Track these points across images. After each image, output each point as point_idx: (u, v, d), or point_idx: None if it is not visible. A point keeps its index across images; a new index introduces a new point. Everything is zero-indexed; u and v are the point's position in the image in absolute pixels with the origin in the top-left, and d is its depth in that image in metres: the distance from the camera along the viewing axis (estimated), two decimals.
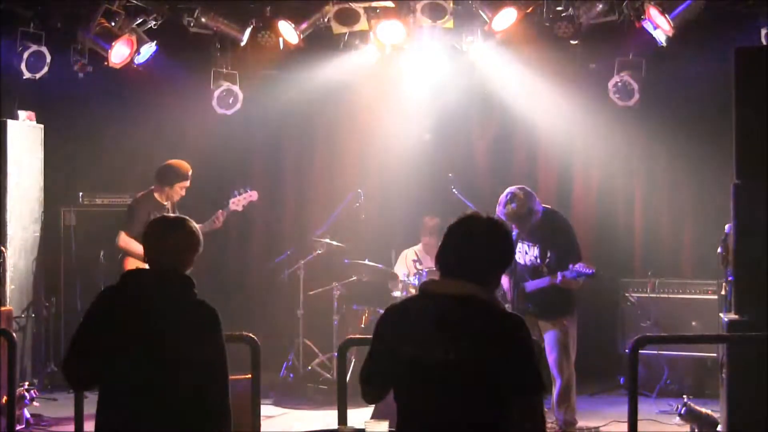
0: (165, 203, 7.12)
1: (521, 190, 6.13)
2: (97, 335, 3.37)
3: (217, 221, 7.25)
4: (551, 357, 6.17)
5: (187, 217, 3.68)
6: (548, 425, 6.14)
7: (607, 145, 8.45)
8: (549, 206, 6.34)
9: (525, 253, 6.22)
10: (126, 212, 7.08)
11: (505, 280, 6.14)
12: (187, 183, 7.14)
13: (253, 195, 7.49)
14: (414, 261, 7.84)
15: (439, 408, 2.96)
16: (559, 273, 6.02)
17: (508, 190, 6.19)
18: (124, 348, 3.33)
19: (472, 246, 3.04)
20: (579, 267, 5.93)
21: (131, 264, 6.78)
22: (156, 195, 7.06)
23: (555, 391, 6.21)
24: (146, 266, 3.57)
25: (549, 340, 6.18)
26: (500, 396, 2.93)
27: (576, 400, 6.26)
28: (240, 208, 7.46)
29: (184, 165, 7.12)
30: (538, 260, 6.15)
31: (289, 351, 8.09)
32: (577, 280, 6.01)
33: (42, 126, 7.99)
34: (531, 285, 6.17)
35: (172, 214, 3.55)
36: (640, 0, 6.89)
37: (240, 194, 7.42)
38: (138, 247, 6.87)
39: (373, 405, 5.24)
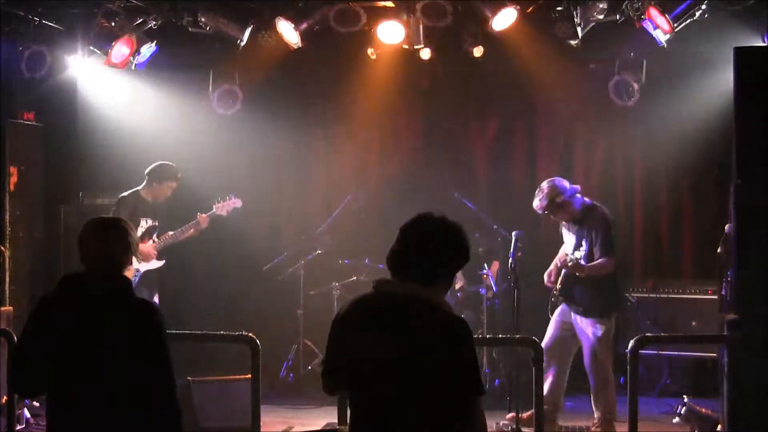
0: (149, 200, 7.33)
1: (547, 183, 6.39)
2: (40, 344, 3.35)
3: (202, 223, 7.35)
4: (585, 358, 6.34)
5: (122, 218, 3.68)
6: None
7: (607, 145, 8.45)
8: (593, 201, 6.47)
9: (570, 244, 6.41)
10: (114, 208, 7.32)
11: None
12: (175, 184, 7.39)
13: (237, 202, 7.65)
14: None
15: (382, 406, 2.98)
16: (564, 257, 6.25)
17: None
18: (67, 355, 3.31)
19: (420, 247, 3.05)
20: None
21: None
22: (142, 193, 7.33)
23: (591, 390, 6.37)
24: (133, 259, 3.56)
25: (583, 340, 6.31)
26: (440, 396, 2.93)
27: (615, 399, 6.31)
28: (224, 213, 7.61)
29: (176, 167, 7.39)
30: (573, 251, 6.28)
31: (289, 351, 8.09)
32: (580, 266, 6.15)
33: (42, 126, 7.99)
34: (561, 277, 6.38)
35: (109, 217, 3.58)
36: (640, 0, 6.89)
37: (224, 200, 7.56)
38: None
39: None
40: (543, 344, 6.40)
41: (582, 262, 6.19)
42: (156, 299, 7.30)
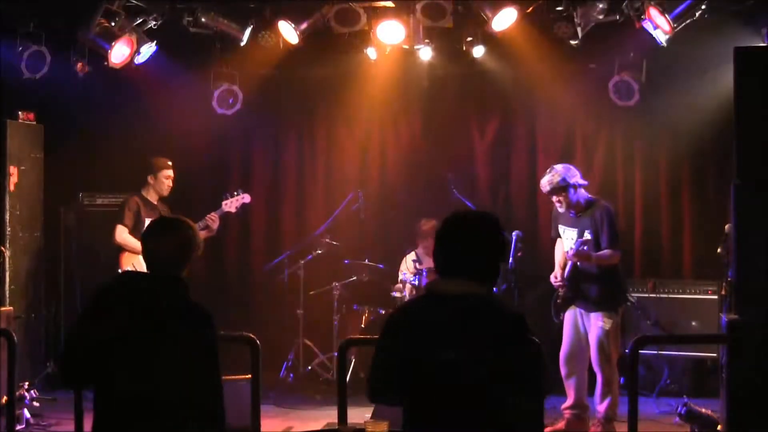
0: (155, 202, 7.37)
1: (561, 165, 6.44)
2: (93, 335, 3.37)
3: (212, 223, 7.33)
4: (592, 353, 6.35)
5: (186, 219, 3.67)
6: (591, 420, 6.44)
7: (607, 145, 8.45)
8: (595, 197, 6.52)
9: (570, 239, 6.39)
10: (119, 208, 7.35)
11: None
12: (170, 172, 7.43)
13: (245, 197, 7.61)
14: (414, 261, 7.85)
15: (444, 408, 2.96)
16: (568, 251, 6.26)
17: None
18: (119, 349, 3.32)
19: (464, 243, 3.04)
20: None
21: (126, 259, 6.91)
22: (144, 193, 7.40)
23: (597, 386, 6.38)
24: (140, 261, 3.57)
25: (590, 335, 6.33)
26: (501, 396, 2.92)
27: (618, 397, 6.33)
28: (233, 210, 7.57)
29: (164, 158, 7.48)
30: (575, 243, 6.28)
31: (289, 351, 8.10)
32: (588, 253, 6.17)
33: (42, 126, 7.99)
34: (567, 271, 6.38)
35: (170, 216, 3.55)
36: (640, 0, 6.89)
37: (233, 196, 7.52)
38: (134, 243, 6.94)
39: (374, 404, 5.26)
40: (561, 354, 6.45)
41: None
42: None
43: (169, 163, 7.45)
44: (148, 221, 7.24)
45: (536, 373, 2.99)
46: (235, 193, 7.57)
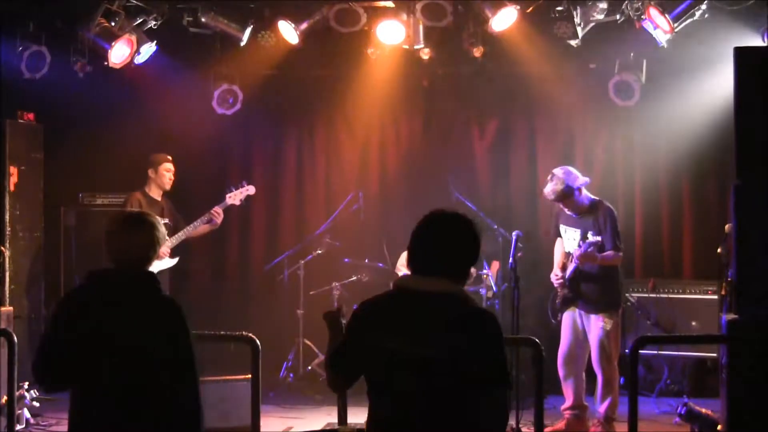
0: (158, 198, 7.39)
1: (560, 169, 6.37)
2: (66, 338, 3.35)
3: (216, 217, 7.34)
4: (593, 354, 6.35)
5: (149, 213, 3.66)
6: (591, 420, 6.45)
7: (607, 145, 8.45)
8: (597, 197, 6.51)
9: (572, 240, 6.35)
10: (121, 208, 7.37)
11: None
12: (170, 166, 7.47)
13: (250, 189, 7.63)
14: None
15: (414, 402, 3.00)
16: (575, 250, 6.22)
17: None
18: (93, 350, 3.31)
19: (441, 243, 3.08)
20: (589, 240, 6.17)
21: None
22: (147, 191, 7.44)
23: (597, 387, 6.38)
24: None
25: (591, 336, 6.33)
26: (470, 389, 2.98)
27: (618, 397, 6.34)
28: (237, 202, 7.59)
29: (162, 153, 7.53)
30: (580, 244, 6.27)
31: (289, 351, 8.10)
32: (594, 254, 6.16)
33: (42, 126, 7.99)
34: (569, 272, 6.35)
35: (136, 212, 3.54)
36: (640, 0, 6.89)
37: (237, 188, 7.52)
38: None
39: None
40: (559, 355, 6.44)
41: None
42: None
43: (169, 157, 7.49)
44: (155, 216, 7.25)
45: (503, 366, 3.03)
46: (240, 185, 7.58)
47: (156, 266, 7.14)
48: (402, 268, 8.03)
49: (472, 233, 3.11)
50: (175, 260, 7.39)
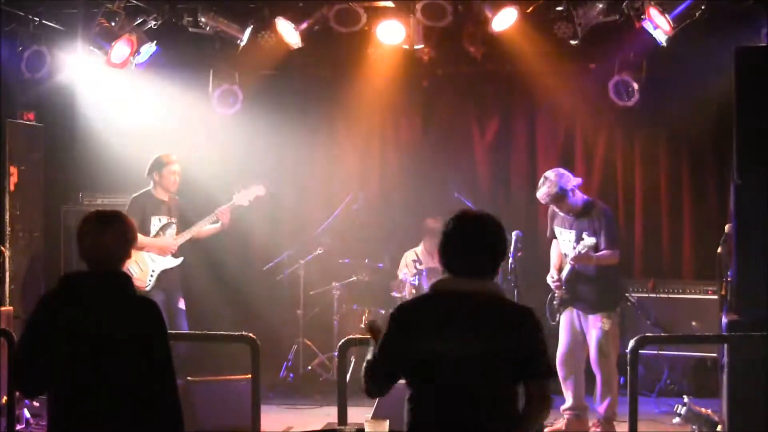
0: (164, 199, 7.22)
1: (552, 172, 6.34)
2: (42, 342, 3.33)
3: (222, 217, 7.21)
4: (591, 354, 6.34)
5: (120, 211, 3.64)
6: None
7: (607, 145, 8.45)
8: (591, 197, 6.50)
9: (567, 241, 6.34)
10: (126, 209, 7.18)
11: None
12: (175, 167, 7.23)
13: (259, 189, 7.43)
14: (414, 261, 7.86)
15: (459, 398, 3.08)
16: (569, 254, 6.22)
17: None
18: (69, 353, 3.30)
19: (480, 243, 3.17)
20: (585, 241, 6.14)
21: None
22: (152, 191, 7.23)
23: (596, 387, 6.38)
24: (142, 257, 3.52)
25: (589, 336, 6.33)
26: (514, 383, 3.13)
27: (617, 398, 6.33)
28: (245, 203, 7.36)
29: (167, 153, 7.28)
30: (574, 246, 6.25)
31: (289, 351, 8.10)
32: (589, 255, 6.15)
33: (42, 126, 7.99)
34: (565, 273, 6.34)
35: (108, 210, 3.50)
36: (640, 0, 6.89)
37: (245, 188, 7.37)
38: (140, 237, 6.94)
39: (374, 404, 5.26)
40: (558, 355, 6.43)
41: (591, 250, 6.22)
42: (181, 304, 7.16)
43: (174, 157, 7.25)
44: (155, 219, 7.21)
45: (546, 359, 3.19)
46: (249, 185, 7.39)
47: (161, 265, 7.17)
48: (405, 270, 8.04)
49: (502, 231, 3.22)
50: (180, 260, 7.27)
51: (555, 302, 6.48)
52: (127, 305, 3.39)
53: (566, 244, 6.37)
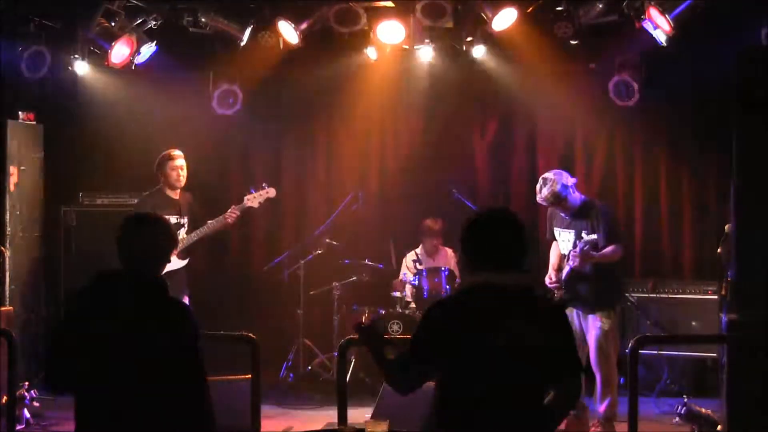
0: (174, 197, 7.07)
1: (553, 174, 6.32)
2: (76, 339, 3.34)
3: (230, 218, 7.13)
4: (591, 354, 6.32)
5: (162, 216, 3.63)
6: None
7: (607, 145, 8.45)
8: (589, 197, 6.49)
9: (567, 242, 6.34)
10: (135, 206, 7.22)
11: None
12: (177, 162, 7.05)
13: (270, 192, 7.31)
14: (414, 261, 7.86)
15: (495, 392, 3.15)
16: (571, 251, 6.17)
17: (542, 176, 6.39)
18: (98, 352, 3.30)
19: (509, 238, 3.29)
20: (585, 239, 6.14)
21: None
22: (162, 190, 7.07)
23: (596, 387, 6.37)
24: None
25: (589, 336, 6.32)
26: (544, 378, 3.21)
27: (617, 397, 6.32)
28: (256, 205, 7.24)
29: (169, 150, 7.11)
30: (576, 243, 6.24)
31: (289, 351, 8.09)
32: (590, 253, 6.12)
33: (42, 126, 8.00)
34: (564, 273, 6.32)
35: (148, 212, 3.48)
36: (640, 0, 6.89)
37: (257, 191, 7.29)
38: None
39: (374, 404, 5.26)
40: None
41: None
42: (186, 301, 7.17)
43: (176, 152, 7.06)
44: (166, 218, 7.13)
45: (577, 356, 3.32)
46: (260, 187, 7.27)
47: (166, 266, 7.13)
48: (405, 271, 8.03)
49: (524, 226, 3.34)
50: (185, 261, 7.17)
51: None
52: (163, 308, 3.40)
53: (566, 245, 6.36)
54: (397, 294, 7.89)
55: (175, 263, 7.11)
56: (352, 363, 7.50)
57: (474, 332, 3.15)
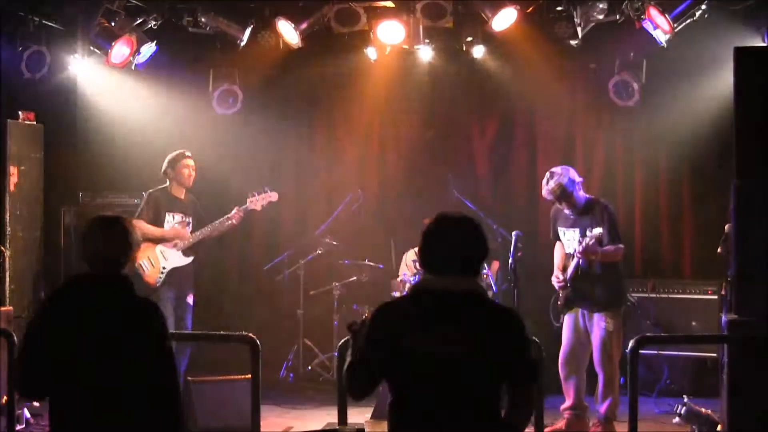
0: (180, 196, 7.17)
1: (560, 169, 6.33)
2: (42, 345, 3.34)
3: (234, 218, 7.20)
4: (594, 353, 6.34)
5: (123, 216, 3.65)
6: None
7: (607, 145, 8.45)
8: (592, 196, 6.50)
9: (571, 240, 6.35)
10: (140, 203, 7.30)
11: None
12: (188, 161, 7.19)
13: (273, 196, 7.39)
14: (414, 261, 7.86)
15: (442, 399, 3.05)
16: (574, 249, 6.19)
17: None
18: (68, 356, 3.30)
19: (456, 242, 3.15)
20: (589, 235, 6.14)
21: (141, 253, 6.77)
22: (168, 188, 7.19)
23: (598, 386, 6.37)
24: (155, 252, 3.51)
25: (593, 335, 6.34)
26: (498, 385, 3.10)
27: (618, 398, 6.33)
28: (258, 208, 7.33)
29: (181, 150, 7.24)
30: (580, 241, 6.24)
31: (289, 351, 8.10)
32: (596, 247, 6.13)
33: (42, 126, 8.00)
34: (569, 272, 6.33)
35: (109, 214, 3.52)
36: (640, 0, 6.89)
37: (259, 194, 7.35)
38: (154, 229, 6.95)
39: (374, 404, 5.26)
40: (561, 355, 6.43)
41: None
42: (190, 299, 7.15)
43: (187, 153, 7.20)
44: (170, 216, 7.18)
45: (531, 362, 3.16)
46: (262, 190, 7.34)
47: (172, 263, 7.13)
48: (405, 270, 8.03)
49: (480, 232, 3.21)
50: (190, 259, 7.23)
51: (559, 303, 6.48)
52: (129, 308, 3.40)
53: (570, 244, 6.37)
54: (397, 294, 7.89)
55: (181, 260, 7.17)
56: None
57: (406, 335, 3.07)
